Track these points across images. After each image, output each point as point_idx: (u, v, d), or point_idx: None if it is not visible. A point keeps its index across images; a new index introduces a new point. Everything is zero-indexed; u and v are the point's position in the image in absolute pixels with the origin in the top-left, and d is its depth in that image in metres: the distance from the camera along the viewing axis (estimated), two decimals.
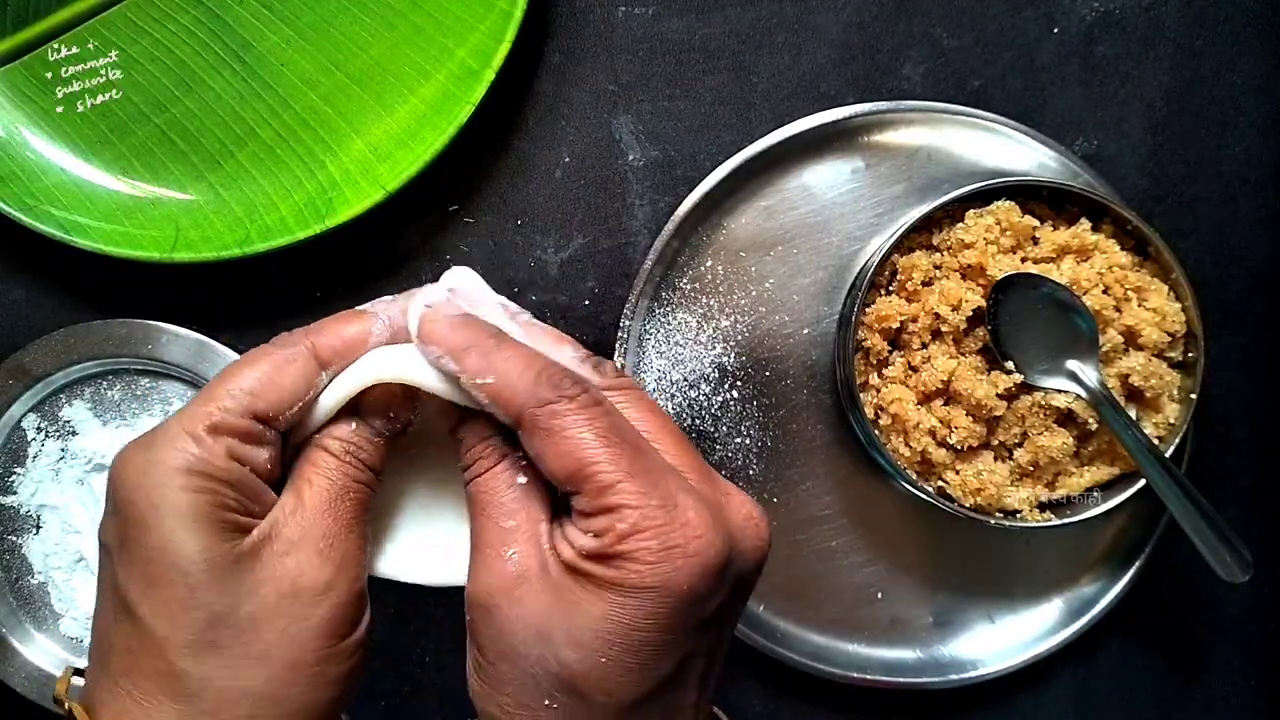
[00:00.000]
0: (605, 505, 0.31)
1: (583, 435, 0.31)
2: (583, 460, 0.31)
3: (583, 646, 0.30)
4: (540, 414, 0.31)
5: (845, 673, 0.54)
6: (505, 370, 0.32)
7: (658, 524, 0.30)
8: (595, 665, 0.30)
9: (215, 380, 0.34)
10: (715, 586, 0.31)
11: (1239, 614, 0.58)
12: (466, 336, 0.33)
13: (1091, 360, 0.49)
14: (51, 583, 0.54)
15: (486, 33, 0.51)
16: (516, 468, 0.33)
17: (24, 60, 0.52)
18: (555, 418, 0.31)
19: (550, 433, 0.31)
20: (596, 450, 0.31)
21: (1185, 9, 0.55)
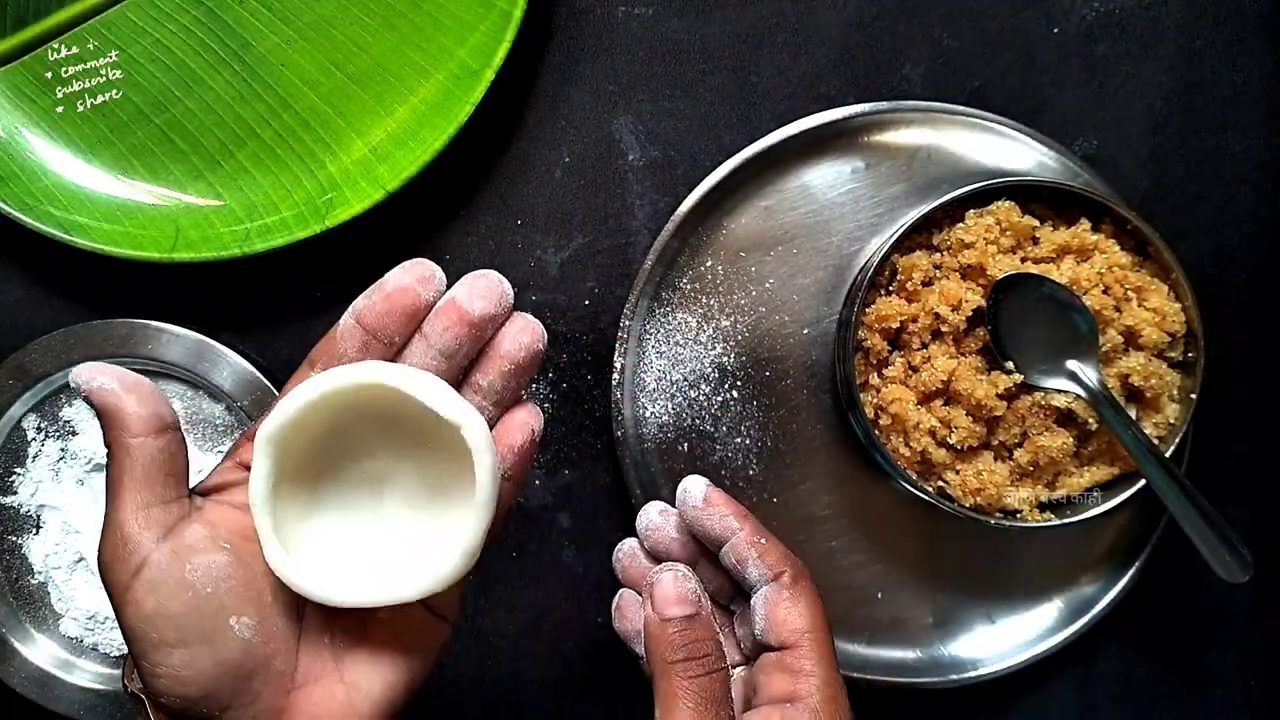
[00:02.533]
0: (798, 670, 0.40)
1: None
2: (807, 625, 0.41)
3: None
4: (799, 575, 0.43)
5: (845, 673, 0.54)
6: (771, 538, 0.44)
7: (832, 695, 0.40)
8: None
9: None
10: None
11: (1239, 614, 0.58)
12: (740, 508, 0.45)
13: (1091, 360, 0.49)
14: (51, 583, 0.54)
15: (486, 33, 0.51)
16: (730, 681, 0.42)
17: (24, 60, 0.52)
18: (806, 582, 0.43)
19: (798, 595, 0.42)
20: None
21: (1185, 9, 0.55)
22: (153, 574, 0.36)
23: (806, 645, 0.41)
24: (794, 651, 0.41)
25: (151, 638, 0.36)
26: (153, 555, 0.36)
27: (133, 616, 0.36)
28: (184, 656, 0.36)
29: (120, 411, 0.37)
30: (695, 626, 0.41)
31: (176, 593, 0.36)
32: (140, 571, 0.36)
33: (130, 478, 0.37)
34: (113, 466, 0.37)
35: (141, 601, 0.36)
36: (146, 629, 0.36)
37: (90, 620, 0.54)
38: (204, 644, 0.36)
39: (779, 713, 0.40)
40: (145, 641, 0.36)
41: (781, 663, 0.41)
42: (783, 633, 0.41)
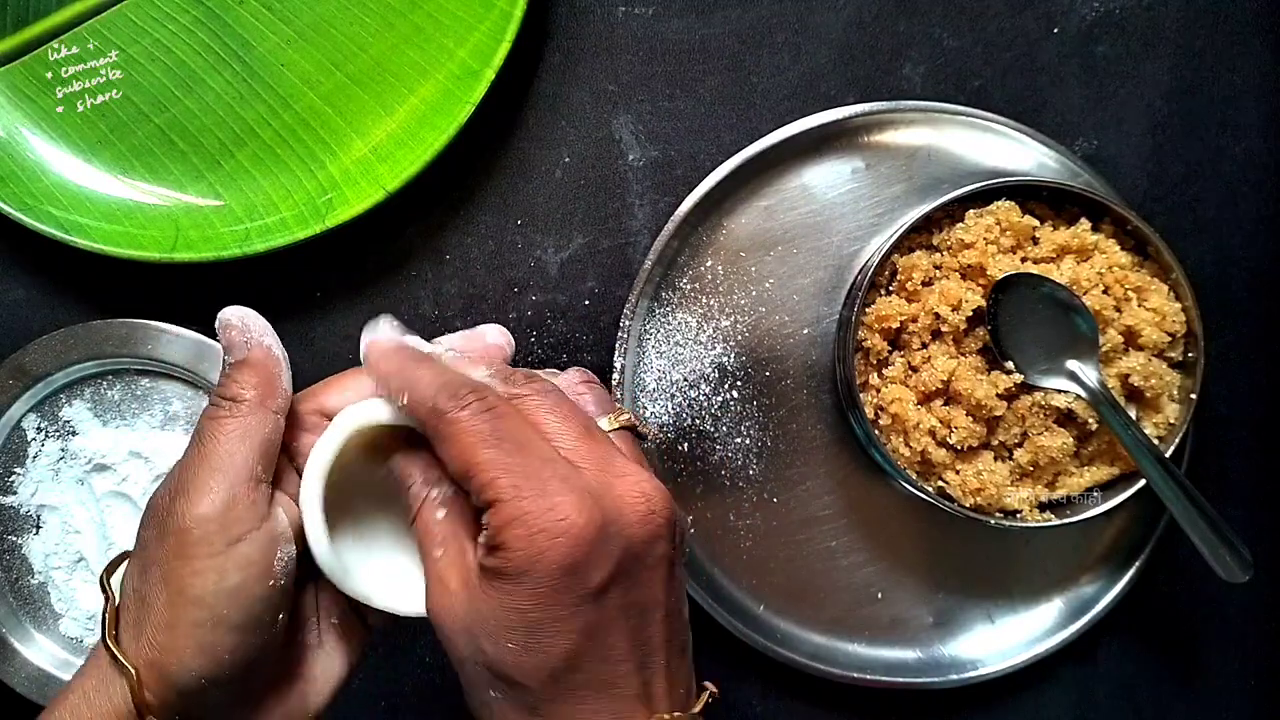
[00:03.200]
0: (487, 500, 0.34)
1: (468, 436, 0.34)
2: (467, 461, 0.34)
3: (492, 637, 0.34)
4: (438, 422, 0.35)
5: (845, 673, 0.54)
6: (415, 387, 0.36)
7: (525, 511, 0.33)
8: (506, 651, 0.34)
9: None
10: (589, 559, 0.33)
11: (1239, 614, 0.58)
12: (394, 362, 0.37)
13: (1091, 360, 0.49)
14: (51, 583, 0.54)
15: (486, 33, 0.51)
16: (436, 504, 0.37)
17: (24, 60, 0.52)
18: (447, 424, 0.35)
19: (443, 438, 0.35)
20: (478, 451, 0.34)
21: (1185, 9, 0.55)
22: (249, 551, 0.35)
23: (473, 489, 0.34)
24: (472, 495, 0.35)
25: (221, 613, 0.35)
26: (254, 533, 0.35)
27: (212, 585, 0.35)
28: (236, 640, 0.35)
29: (276, 381, 0.37)
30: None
31: (261, 578, 0.36)
32: (238, 544, 0.35)
33: (253, 447, 0.36)
34: (233, 425, 0.36)
35: (227, 574, 0.35)
36: (219, 603, 0.35)
37: (90, 620, 0.54)
38: (256, 633, 0.36)
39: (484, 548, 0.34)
40: (211, 616, 0.35)
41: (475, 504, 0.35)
42: (459, 482, 0.35)
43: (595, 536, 0.33)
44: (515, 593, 0.33)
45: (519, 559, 0.33)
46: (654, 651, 0.36)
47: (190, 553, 0.35)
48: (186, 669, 0.35)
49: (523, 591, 0.33)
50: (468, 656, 0.35)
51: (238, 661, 0.35)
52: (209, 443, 0.36)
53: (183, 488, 0.36)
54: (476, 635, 0.34)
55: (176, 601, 0.35)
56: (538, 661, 0.34)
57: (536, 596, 0.33)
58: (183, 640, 0.35)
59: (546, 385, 0.37)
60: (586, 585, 0.33)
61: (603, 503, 0.34)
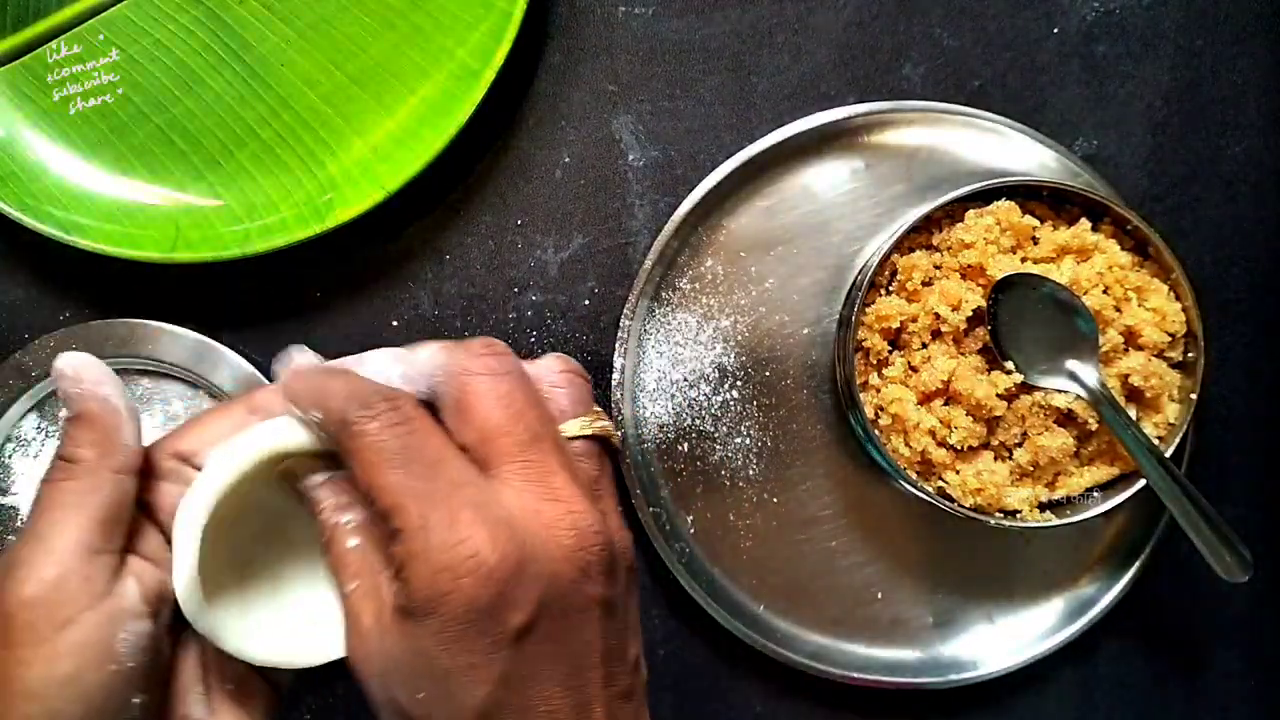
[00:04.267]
0: (392, 528, 0.30)
1: (373, 455, 0.31)
2: (371, 482, 0.31)
3: (403, 684, 0.30)
4: (343, 435, 0.31)
5: (845, 673, 0.54)
6: (326, 400, 0.32)
7: (429, 545, 0.29)
8: (418, 701, 0.30)
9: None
10: (506, 598, 0.30)
11: (1239, 614, 0.58)
12: (307, 379, 0.33)
13: (1091, 360, 0.49)
14: None
15: (486, 33, 0.51)
16: (348, 532, 0.33)
17: (24, 60, 0.52)
18: (354, 439, 0.31)
19: (350, 454, 0.31)
20: (383, 472, 0.30)
21: (1185, 9, 0.55)
22: (80, 636, 0.31)
23: (378, 514, 0.31)
24: (380, 522, 0.32)
25: (53, 705, 0.31)
26: (88, 614, 0.31)
27: (39, 678, 0.31)
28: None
29: (115, 435, 0.33)
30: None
31: (100, 663, 0.31)
32: (67, 628, 0.31)
33: (86, 515, 0.32)
34: (68, 489, 0.32)
35: (57, 661, 0.31)
36: (51, 695, 0.31)
37: None
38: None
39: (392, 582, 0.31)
40: (43, 709, 0.31)
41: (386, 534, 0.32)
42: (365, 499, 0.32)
43: (508, 574, 0.29)
44: (422, 636, 0.30)
45: (422, 597, 0.29)
46: (591, 701, 0.32)
47: (15, 640, 0.31)
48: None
49: (429, 635, 0.30)
50: (382, 703, 0.31)
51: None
52: (38, 515, 0.32)
53: (9, 567, 0.32)
54: (387, 681, 0.31)
55: (3, 695, 0.31)
56: (449, 713, 0.30)
57: (444, 641, 0.30)
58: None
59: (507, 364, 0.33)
60: (502, 629, 0.30)
61: (522, 535, 0.30)
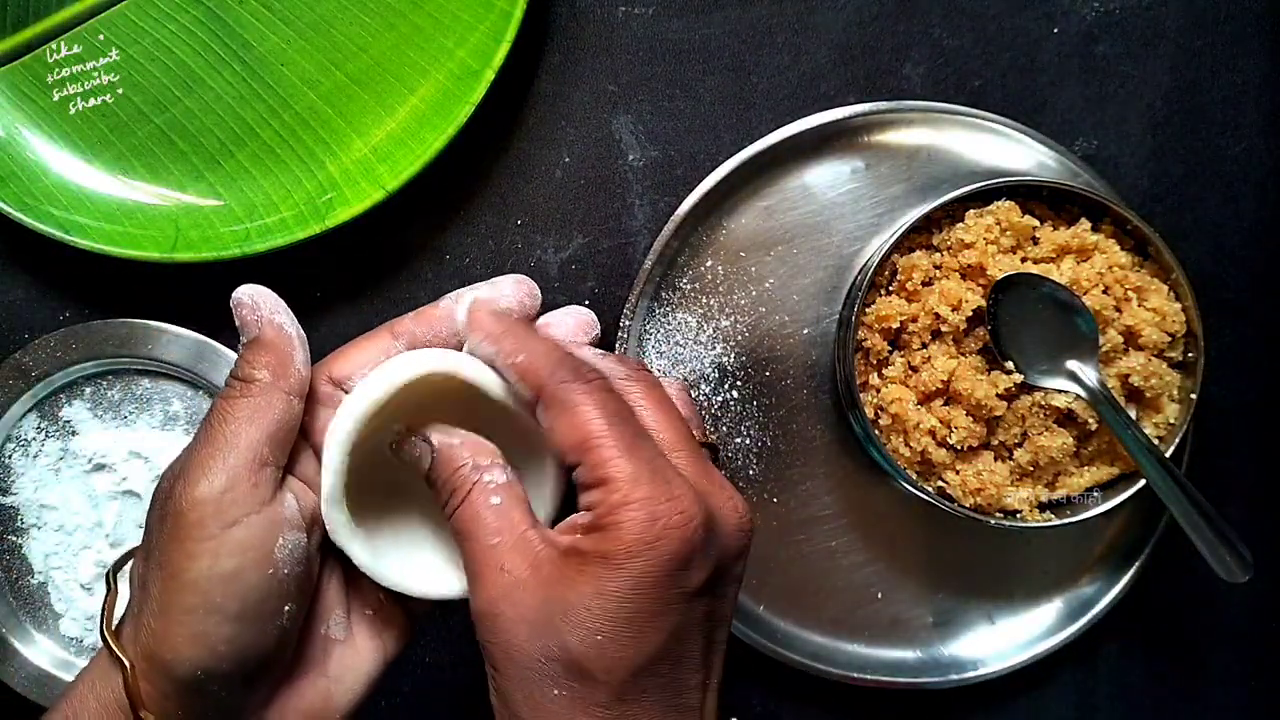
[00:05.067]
0: (601, 477, 0.33)
1: (591, 412, 0.34)
2: (588, 434, 0.33)
3: (579, 626, 0.32)
4: (559, 389, 0.34)
5: (845, 673, 0.54)
6: (535, 351, 0.35)
7: (645, 496, 0.32)
8: (593, 643, 0.32)
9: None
10: (697, 558, 0.33)
11: (1239, 614, 0.58)
12: (506, 324, 0.37)
13: (1091, 360, 0.49)
14: (51, 583, 0.54)
15: (486, 33, 0.51)
16: (490, 490, 0.35)
17: (24, 60, 0.52)
18: (571, 394, 0.34)
19: (565, 406, 0.34)
20: (601, 427, 0.33)
21: (1185, 9, 0.55)
22: (245, 536, 0.34)
23: (587, 463, 0.33)
24: (579, 470, 0.34)
25: (214, 600, 0.33)
26: (252, 516, 0.34)
27: (204, 571, 0.33)
28: (233, 630, 0.34)
29: (289, 360, 0.36)
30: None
31: (259, 565, 0.34)
32: (233, 528, 0.34)
33: (261, 429, 0.35)
34: (242, 405, 0.35)
35: (222, 559, 0.33)
36: (213, 590, 0.33)
37: (90, 620, 0.54)
38: (256, 624, 0.34)
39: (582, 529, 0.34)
40: (204, 602, 0.33)
41: (580, 480, 0.34)
42: (565, 457, 0.34)
43: (705, 537, 0.33)
44: (614, 579, 0.32)
45: (630, 542, 0.32)
46: (713, 668, 0.35)
47: (185, 535, 0.34)
48: (181, 659, 0.33)
49: (624, 578, 0.32)
50: (531, 650, 0.33)
51: (236, 653, 0.34)
52: (215, 423, 0.35)
53: (184, 470, 0.35)
54: (554, 625, 0.32)
55: (170, 586, 0.34)
56: (624, 655, 0.32)
57: (640, 586, 0.32)
58: (176, 627, 0.33)
59: (656, 379, 0.38)
60: (687, 584, 0.33)
61: (708, 505, 0.34)
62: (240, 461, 0.34)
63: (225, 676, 0.34)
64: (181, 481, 0.34)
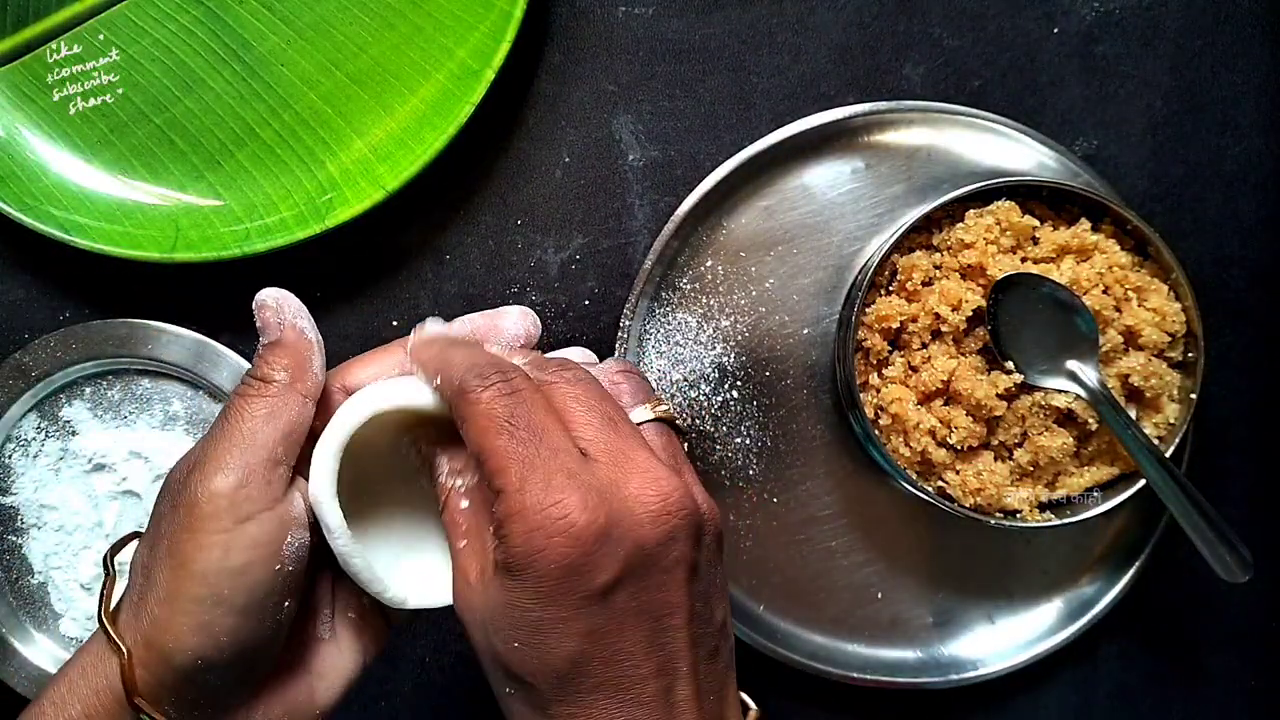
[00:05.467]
0: (496, 488, 0.33)
1: (484, 421, 0.34)
2: (480, 445, 0.34)
3: (499, 633, 0.33)
4: (459, 401, 0.35)
5: (845, 673, 0.54)
6: (447, 367, 0.36)
7: (524, 506, 0.32)
8: (512, 649, 0.33)
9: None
10: (592, 558, 0.32)
11: (1239, 614, 0.58)
12: (435, 346, 0.37)
13: (1091, 360, 0.49)
14: (51, 583, 0.54)
15: (486, 33, 0.51)
16: (460, 495, 0.37)
17: (24, 60, 0.52)
18: (468, 405, 0.34)
19: (463, 419, 0.34)
20: (491, 436, 0.33)
21: (1185, 9, 0.55)
22: (257, 531, 0.35)
23: (485, 475, 0.34)
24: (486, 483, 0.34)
25: (222, 592, 0.34)
26: (266, 514, 0.35)
27: (215, 563, 0.34)
28: (236, 623, 0.34)
29: (307, 364, 0.37)
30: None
31: (268, 561, 0.35)
32: (246, 523, 0.34)
33: (277, 429, 0.36)
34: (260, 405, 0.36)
35: (233, 552, 0.34)
36: (221, 581, 0.34)
37: (90, 620, 0.54)
38: (257, 618, 0.35)
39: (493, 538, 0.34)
40: (212, 593, 0.34)
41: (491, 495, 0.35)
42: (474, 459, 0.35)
43: (597, 535, 0.32)
44: (517, 589, 0.33)
45: (518, 554, 0.32)
46: (675, 657, 0.34)
47: (198, 526, 0.34)
48: (182, 647, 0.34)
49: (524, 588, 0.32)
50: (483, 651, 0.34)
51: (235, 645, 0.35)
52: (233, 420, 0.36)
53: (200, 462, 0.35)
54: (487, 630, 0.34)
55: (179, 575, 0.34)
56: (542, 662, 0.33)
57: (537, 595, 0.32)
58: (181, 616, 0.34)
59: (579, 373, 0.37)
60: (589, 586, 0.32)
61: (612, 500, 0.33)
62: (256, 459, 0.35)
63: (223, 667, 0.35)
64: (197, 473, 0.35)
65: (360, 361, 0.40)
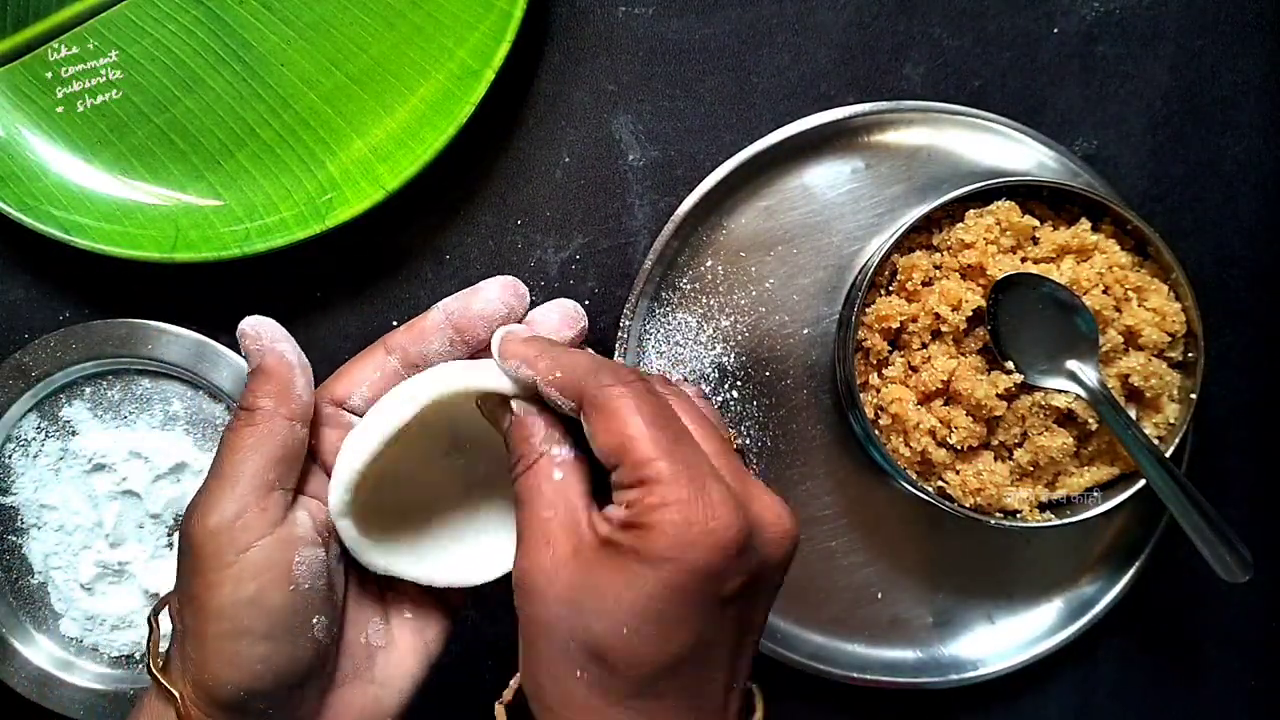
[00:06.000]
0: (640, 478, 0.33)
1: (631, 415, 0.34)
2: (627, 436, 0.34)
3: (607, 615, 0.33)
4: (599, 393, 0.35)
5: (845, 673, 0.54)
6: (571, 365, 0.36)
7: (682, 499, 0.32)
8: (618, 634, 0.32)
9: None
10: (731, 566, 0.33)
11: (1239, 614, 0.58)
12: (537, 346, 0.38)
13: (1091, 360, 0.49)
14: (51, 583, 0.54)
15: (486, 33, 0.51)
16: (554, 464, 0.36)
17: (24, 60, 0.52)
18: (611, 398, 0.34)
19: (605, 410, 0.34)
20: (640, 429, 0.34)
21: (1185, 9, 0.55)
22: (260, 558, 0.35)
23: (626, 464, 0.34)
24: (619, 472, 0.34)
25: (242, 624, 0.35)
26: (265, 539, 0.35)
27: (228, 598, 0.35)
28: (266, 650, 0.35)
29: (290, 387, 0.37)
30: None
31: (279, 583, 0.35)
32: (248, 552, 0.35)
33: (264, 456, 0.36)
34: (247, 435, 0.36)
35: (242, 584, 0.35)
36: (240, 614, 0.35)
37: (90, 620, 0.54)
38: (287, 640, 0.36)
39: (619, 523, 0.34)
40: (233, 627, 0.35)
41: (619, 482, 0.35)
42: (605, 459, 0.35)
43: (741, 546, 0.33)
44: (647, 577, 0.32)
45: (663, 545, 0.32)
46: (740, 670, 0.35)
47: (203, 567, 0.35)
48: (221, 682, 0.35)
49: (656, 579, 0.32)
50: (562, 628, 0.33)
51: (273, 671, 0.35)
52: (223, 455, 0.37)
53: (196, 504, 0.36)
54: (584, 609, 0.33)
55: (199, 617, 0.35)
56: (647, 652, 0.32)
57: (670, 588, 0.32)
58: (213, 655, 0.35)
59: (695, 392, 0.38)
60: (719, 591, 0.33)
61: (747, 513, 0.34)
62: (248, 489, 0.36)
63: (267, 693, 0.36)
64: (195, 516, 0.36)
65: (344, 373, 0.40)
